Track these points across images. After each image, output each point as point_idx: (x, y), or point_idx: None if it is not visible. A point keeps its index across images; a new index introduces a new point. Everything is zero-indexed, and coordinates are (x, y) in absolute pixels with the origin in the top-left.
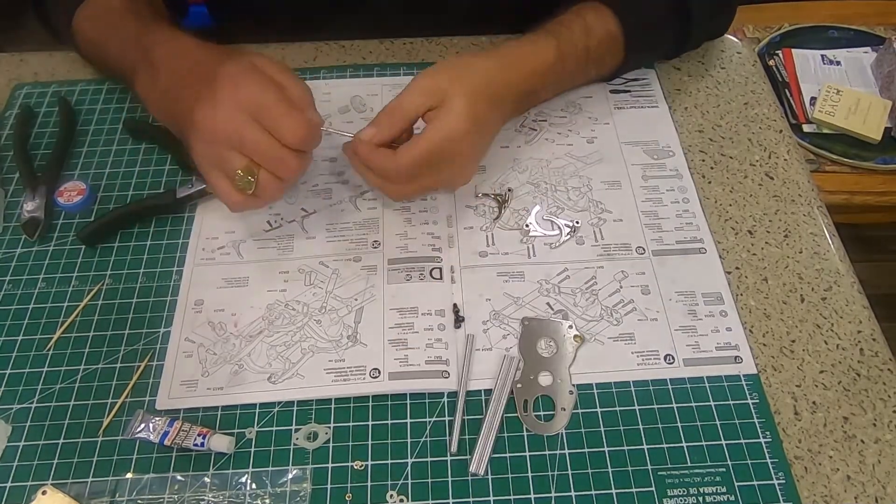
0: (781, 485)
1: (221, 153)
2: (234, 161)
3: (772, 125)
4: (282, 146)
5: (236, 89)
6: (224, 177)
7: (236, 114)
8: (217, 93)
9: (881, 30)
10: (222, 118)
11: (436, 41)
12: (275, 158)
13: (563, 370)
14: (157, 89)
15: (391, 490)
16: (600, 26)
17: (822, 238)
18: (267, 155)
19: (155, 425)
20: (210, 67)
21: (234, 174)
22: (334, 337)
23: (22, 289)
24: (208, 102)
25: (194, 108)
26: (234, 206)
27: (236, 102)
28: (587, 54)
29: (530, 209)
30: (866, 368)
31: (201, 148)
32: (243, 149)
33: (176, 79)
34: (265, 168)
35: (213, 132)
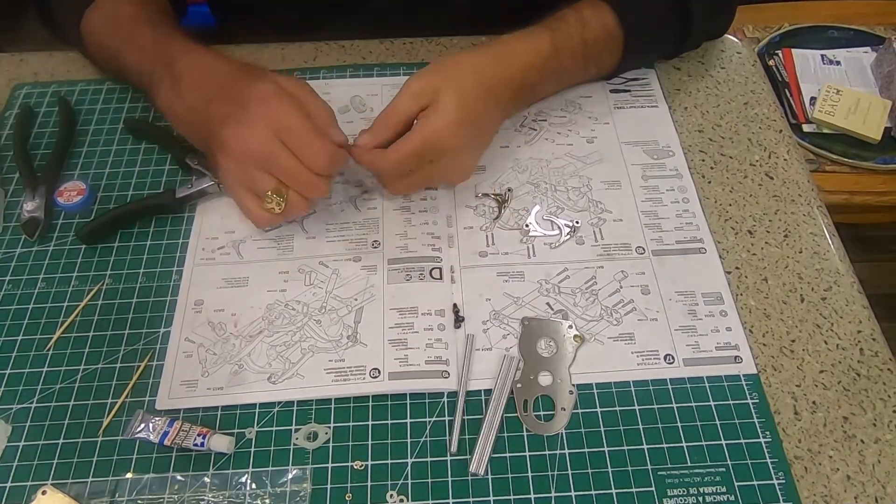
0: (781, 485)
1: (251, 173)
2: (264, 182)
3: (772, 125)
4: (309, 171)
5: (266, 112)
6: (252, 195)
7: (266, 136)
8: (248, 114)
9: (881, 30)
10: (253, 140)
11: (436, 41)
12: (303, 182)
13: (563, 370)
14: (183, 104)
15: (391, 490)
16: (597, 21)
17: (822, 238)
18: (295, 179)
19: (155, 425)
20: (239, 87)
21: (264, 194)
22: (334, 337)
23: (22, 289)
24: (239, 123)
25: (223, 127)
26: (260, 224)
27: (266, 125)
28: (584, 48)
29: (530, 209)
30: (866, 368)
31: (231, 167)
32: (273, 170)
33: (203, 96)
34: (293, 190)
35: (243, 153)
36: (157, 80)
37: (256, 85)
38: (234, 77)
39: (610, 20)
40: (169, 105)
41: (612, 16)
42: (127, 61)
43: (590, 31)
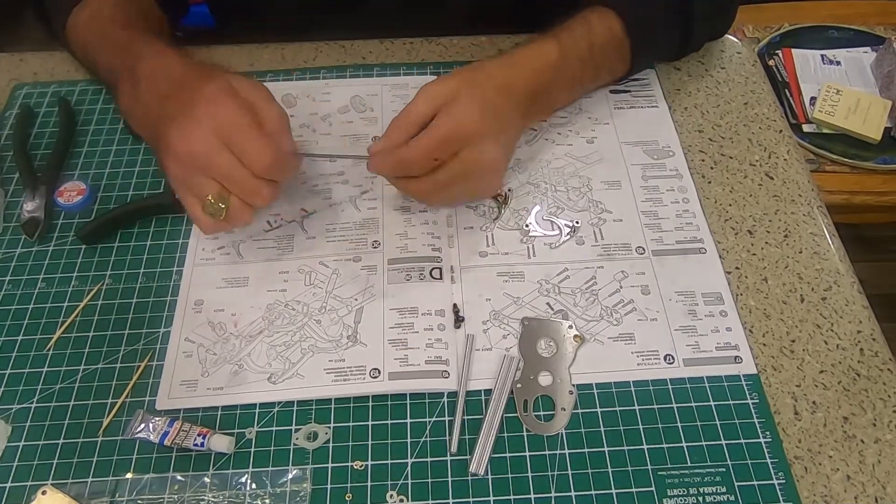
0: (781, 485)
1: (194, 177)
2: (206, 186)
3: (772, 125)
4: (252, 175)
5: (210, 112)
6: (196, 200)
7: (208, 138)
8: (192, 115)
9: (881, 30)
10: (195, 142)
11: (436, 41)
12: (244, 187)
13: (563, 370)
14: (140, 105)
15: (391, 490)
16: (602, 25)
17: (822, 238)
18: (237, 182)
19: (155, 425)
20: (190, 87)
21: (205, 200)
22: (334, 337)
23: (22, 289)
24: (183, 124)
25: (169, 128)
26: (204, 230)
27: (209, 126)
28: (591, 53)
29: (530, 209)
30: (866, 368)
31: (175, 169)
32: (214, 174)
33: (157, 97)
34: (235, 195)
35: (185, 155)
36: (120, 81)
37: (207, 85)
38: (187, 78)
39: (615, 24)
40: (127, 106)
41: (617, 20)
42: (99, 61)
43: (596, 37)
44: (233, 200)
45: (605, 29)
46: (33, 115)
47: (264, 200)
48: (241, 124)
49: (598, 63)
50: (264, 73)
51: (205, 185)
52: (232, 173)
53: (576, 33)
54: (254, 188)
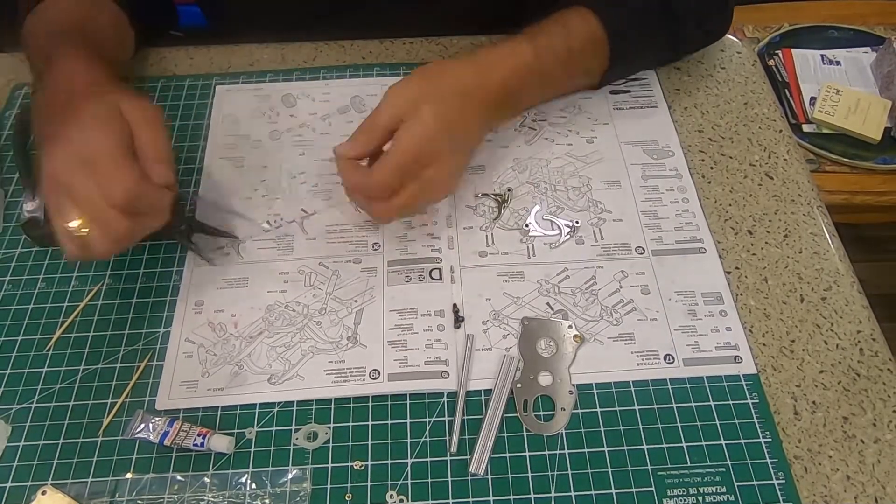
0: (781, 485)
1: (60, 201)
2: (67, 213)
3: (771, 125)
4: (107, 207)
5: (80, 136)
6: (62, 224)
7: (71, 162)
8: (64, 135)
9: (881, 30)
10: (59, 165)
11: (436, 41)
12: (99, 218)
13: (563, 370)
14: (39, 115)
15: (391, 490)
16: (580, 26)
17: (822, 238)
18: (92, 213)
19: (155, 425)
20: (74, 105)
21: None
22: (334, 338)
23: (22, 289)
24: (54, 145)
25: (46, 147)
26: (66, 255)
27: (74, 150)
28: (569, 54)
29: (530, 209)
30: (866, 368)
31: (45, 190)
32: (74, 201)
33: (50, 109)
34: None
35: (52, 178)
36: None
37: (90, 104)
38: (78, 93)
39: (595, 27)
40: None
41: (596, 21)
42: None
43: (574, 39)
44: (92, 231)
45: (582, 29)
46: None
47: (122, 235)
48: (105, 151)
49: (573, 64)
50: (264, 73)
51: (67, 211)
52: (87, 202)
53: (553, 34)
54: (109, 220)
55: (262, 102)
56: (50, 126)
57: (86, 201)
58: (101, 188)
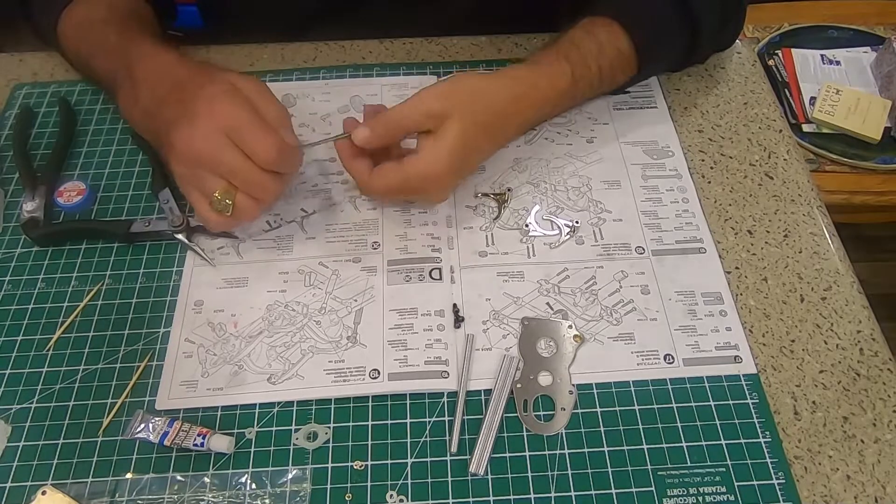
0: (781, 485)
1: (199, 175)
2: (212, 183)
3: (771, 125)
4: (258, 169)
5: (213, 111)
6: (203, 198)
7: (213, 135)
8: (194, 115)
9: (881, 30)
10: (199, 140)
11: (436, 41)
12: (250, 181)
13: (563, 370)
14: (139, 107)
15: (391, 490)
16: (611, 45)
17: (821, 238)
18: (243, 178)
19: (155, 425)
20: (190, 89)
21: (212, 196)
22: (334, 338)
23: (22, 289)
24: (186, 124)
25: (172, 129)
26: (211, 227)
27: (212, 124)
28: (600, 74)
29: (530, 209)
30: (866, 368)
31: (180, 169)
32: (219, 171)
33: (157, 98)
34: (241, 191)
35: (190, 154)
36: (119, 84)
37: (207, 86)
38: (186, 78)
39: (623, 42)
40: (127, 109)
41: (625, 38)
42: (95, 65)
43: (605, 58)
44: (239, 197)
45: (613, 48)
46: (33, 115)
47: (270, 194)
48: (245, 120)
49: (603, 82)
50: (264, 73)
51: (211, 182)
52: (237, 168)
53: (588, 57)
54: (260, 182)
55: None
56: (167, 111)
57: (234, 168)
58: (251, 153)
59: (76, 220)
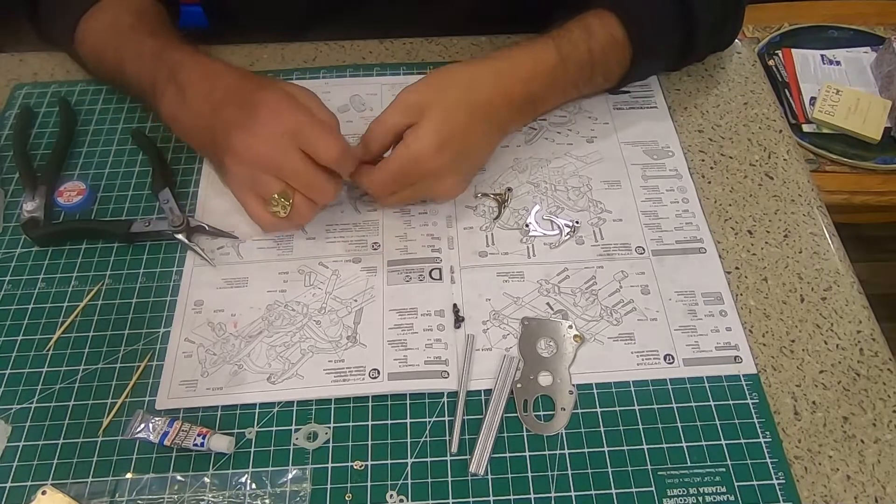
0: (781, 485)
1: (258, 177)
2: (271, 185)
3: (771, 125)
4: (318, 172)
5: (274, 115)
6: (259, 200)
7: (275, 139)
8: (256, 119)
9: (881, 30)
10: (262, 144)
11: (436, 41)
12: (311, 183)
13: (563, 370)
14: (188, 112)
15: (391, 490)
16: (603, 30)
17: (821, 238)
18: (304, 180)
19: (155, 425)
20: (246, 94)
21: (270, 198)
22: (334, 337)
23: (22, 289)
24: (248, 128)
25: (231, 133)
26: (267, 228)
27: (275, 128)
28: (591, 56)
29: (530, 209)
30: (866, 368)
31: (238, 171)
32: (281, 173)
33: (210, 103)
34: (301, 192)
35: (250, 156)
36: (160, 89)
37: (265, 92)
38: (241, 84)
39: (616, 30)
40: (173, 113)
41: (618, 25)
42: (126, 70)
43: (596, 41)
44: (297, 198)
45: (604, 32)
46: (33, 115)
47: (328, 196)
48: (307, 123)
49: (595, 68)
50: (264, 74)
51: (270, 184)
52: (299, 170)
53: (575, 38)
54: (319, 183)
55: None
56: (224, 114)
57: (296, 170)
58: (313, 152)
59: (76, 220)
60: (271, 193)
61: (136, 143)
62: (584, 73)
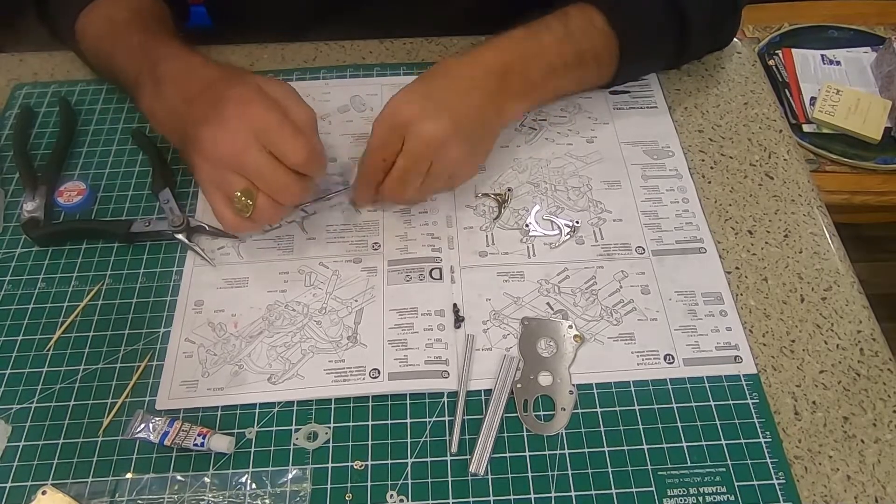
0: (781, 485)
1: (223, 174)
2: (235, 183)
3: (772, 125)
4: (283, 171)
5: (241, 112)
6: (224, 198)
7: (240, 136)
8: (223, 115)
9: (881, 30)
10: (226, 140)
11: (436, 41)
12: (274, 183)
13: (563, 370)
14: (164, 106)
15: (391, 490)
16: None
17: (822, 238)
18: (267, 178)
19: (155, 425)
20: (219, 90)
21: (233, 196)
22: (334, 337)
23: (22, 289)
24: (214, 124)
25: (200, 128)
26: (230, 228)
27: (241, 125)
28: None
29: (530, 209)
30: (866, 368)
31: (204, 168)
32: (244, 171)
33: (183, 98)
34: (264, 192)
35: (215, 153)
36: (141, 82)
37: (235, 87)
38: (214, 79)
39: (598, 21)
40: (150, 107)
41: (601, 17)
42: (116, 63)
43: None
44: (260, 198)
45: (583, 18)
46: (33, 115)
47: (292, 197)
48: (275, 121)
49: (580, 47)
50: (264, 74)
51: (233, 182)
52: (262, 169)
53: (548, 20)
54: (284, 184)
55: None
56: (195, 110)
57: (259, 169)
58: (279, 153)
59: (76, 220)
60: (234, 191)
61: (136, 143)
62: (564, 48)
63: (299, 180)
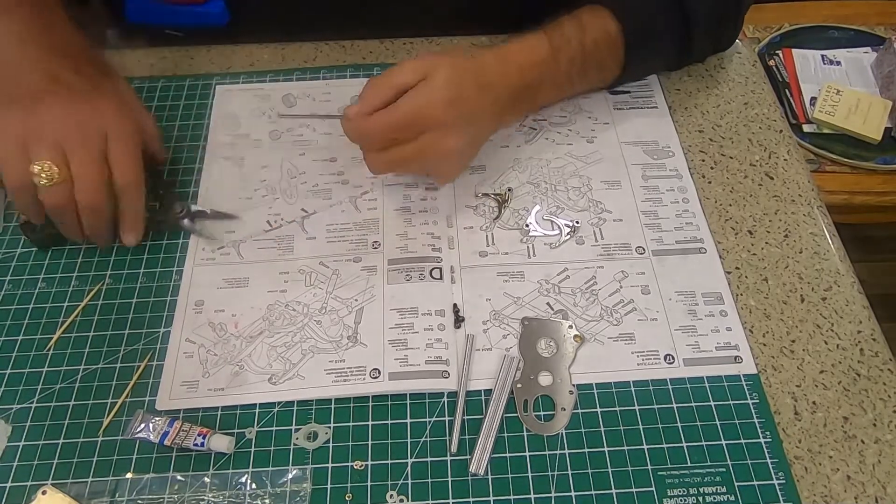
0: (781, 485)
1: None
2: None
3: (772, 125)
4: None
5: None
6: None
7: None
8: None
9: (881, 30)
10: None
11: (436, 41)
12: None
13: (563, 370)
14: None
15: (391, 490)
16: (596, 24)
17: (822, 238)
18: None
19: (155, 425)
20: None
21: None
22: (334, 337)
23: (22, 289)
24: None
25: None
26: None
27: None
28: (582, 49)
29: (530, 209)
30: (866, 368)
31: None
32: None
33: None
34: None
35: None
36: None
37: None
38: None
39: (610, 24)
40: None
41: (613, 21)
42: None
43: (588, 35)
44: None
45: (597, 26)
46: None
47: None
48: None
49: (588, 63)
50: (264, 73)
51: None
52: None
53: (567, 31)
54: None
55: (262, 102)
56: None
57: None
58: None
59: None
60: (43, 159)
61: None
62: (575, 66)
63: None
